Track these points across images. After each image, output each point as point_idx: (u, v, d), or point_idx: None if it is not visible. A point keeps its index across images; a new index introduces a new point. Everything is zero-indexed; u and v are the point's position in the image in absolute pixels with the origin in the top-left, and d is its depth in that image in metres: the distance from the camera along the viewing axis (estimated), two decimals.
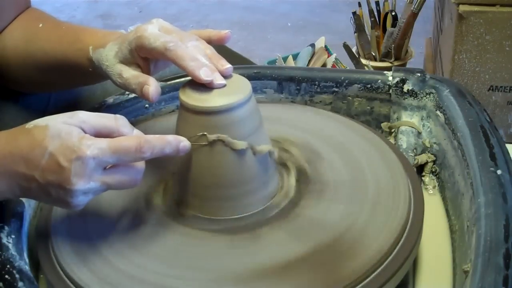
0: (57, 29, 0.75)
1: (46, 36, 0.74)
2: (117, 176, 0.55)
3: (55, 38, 0.73)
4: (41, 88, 0.83)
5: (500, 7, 1.39)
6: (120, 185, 0.56)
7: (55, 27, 0.75)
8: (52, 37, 0.74)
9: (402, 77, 0.83)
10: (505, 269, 0.51)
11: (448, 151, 0.75)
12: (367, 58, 1.87)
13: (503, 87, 1.48)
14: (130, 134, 0.56)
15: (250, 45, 2.46)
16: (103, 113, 0.57)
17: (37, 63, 0.75)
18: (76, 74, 0.73)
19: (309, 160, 0.71)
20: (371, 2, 1.88)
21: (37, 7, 0.83)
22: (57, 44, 0.72)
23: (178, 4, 2.89)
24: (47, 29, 0.75)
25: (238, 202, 0.63)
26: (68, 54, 0.71)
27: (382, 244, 0.58)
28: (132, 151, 0.54)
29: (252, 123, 0.62)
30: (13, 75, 0.78)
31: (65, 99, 0.86)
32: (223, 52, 0.66)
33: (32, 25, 0.77)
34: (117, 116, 0.56)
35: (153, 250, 0.60)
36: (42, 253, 0.62)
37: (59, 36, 0.73)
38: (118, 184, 0.55)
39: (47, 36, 0.74)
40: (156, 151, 0.55)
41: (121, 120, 0.56)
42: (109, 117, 0.56)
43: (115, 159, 0.54)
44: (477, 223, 0.57)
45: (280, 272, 0.56)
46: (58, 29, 0.74)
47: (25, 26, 0.77)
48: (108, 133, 0.55)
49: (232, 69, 0.63)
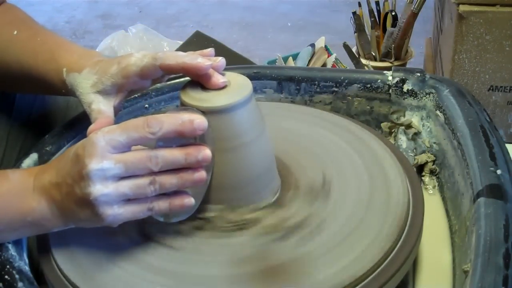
0: (32, 40, 0.72)
1: (20, 47, 0.72)
2: (130, 153, 0.54)
3: (30, 52, 0.71)
4: (15, 91, 0.82)
5: (500, 7, 1.39)
6: (138, 161, 0.53)
7: (31, 37, 0.73)
8: (27, 49, 0.72)
9: (402, 77, 0.83)
10: (505, 269, 0.51)
11: (448, 151, 0.75)
12: (367, 58, 1.87)
13: (503, 87, 1.48)
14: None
15: (250, 45, 2.46)
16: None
17: (12, 73, 0.73)
18: (50, 90, 0.72)
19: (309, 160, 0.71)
20: (371, 2, 1.88)
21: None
22: (32, 60, 0.71)
23: (178, 4, 2.89)
24: (22, 39, 0.73)
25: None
26: (43, 73, 0.70)
27: (382, 244, 0.58)
28: (140, 126, 0.53)
29: (252, 123, 0.62)
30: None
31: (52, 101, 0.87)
32: (223, 52, 0.66)
33: (6, 31, 0.74)
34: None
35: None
36: (42, 253, 0.62)
37: (34, 51, 0.71)
38: (134, 161, 0.53)
39: (22, 47, 0.72)
40: (165, 126, 0.53)
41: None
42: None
43: (125, 136, 0.53)
44: (477, 223, 0.57)
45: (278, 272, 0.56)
46: (33, 41, 0.72)
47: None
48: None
49: (224, 62, 0.62)
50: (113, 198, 0.54)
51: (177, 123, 0.54)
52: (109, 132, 0.53)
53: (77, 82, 0.65)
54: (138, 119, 0.54)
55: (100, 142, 0.53)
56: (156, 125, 0.53)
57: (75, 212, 0.55)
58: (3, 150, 0.80)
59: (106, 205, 0.54)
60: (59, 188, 0.55)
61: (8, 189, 0.58)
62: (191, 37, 1.78)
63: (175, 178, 0.55)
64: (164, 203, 0.56)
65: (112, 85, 0.64)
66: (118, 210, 0.54)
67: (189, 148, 0.55)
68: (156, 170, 0.54)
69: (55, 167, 0.57)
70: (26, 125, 0.84)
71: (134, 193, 0.54)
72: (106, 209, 0.54)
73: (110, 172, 0.53)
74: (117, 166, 0.53)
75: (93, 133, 0.54)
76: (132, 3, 2.94)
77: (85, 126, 0.63)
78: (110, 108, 0.65)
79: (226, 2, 2.88)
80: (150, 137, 0.53)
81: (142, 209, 0.55)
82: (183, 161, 0.55)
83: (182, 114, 0.54)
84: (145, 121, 0.53)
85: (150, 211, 0.56)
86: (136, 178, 0.54)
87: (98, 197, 0.53)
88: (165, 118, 0.54)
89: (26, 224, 0.57)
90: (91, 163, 0.52)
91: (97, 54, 0.69)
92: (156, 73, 0.62)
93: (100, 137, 0.53)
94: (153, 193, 0.55)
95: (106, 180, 0.53)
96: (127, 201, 0.55)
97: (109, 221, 0.55)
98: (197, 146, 0.55)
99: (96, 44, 2.06)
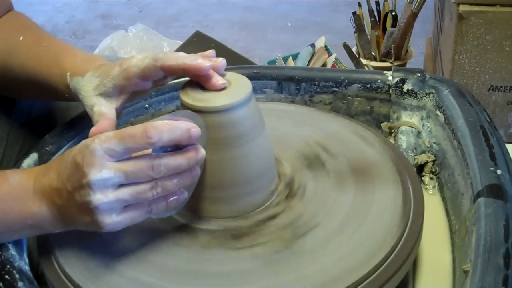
0: (37, 45, 0.73)
1: (26, 52, 0.73)
2: (131, 162, 0.53)
3: (35, 57, 0.72)
4: (19, 96, 0.83)
5: (500, 7, 1.39)
6: (138, 171, 0.53)
7: (36, 42, 0.74)
8: (32, 54, 0.72)
9: (402, 77, 0.83)
10: (505, 269, 0.51)
11: (448, 151, 0.75)
12: (367, 58, 1.87)
13: (503, 87, 1.48)
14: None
15: (250, 45, 2.46)
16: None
17: (17, 77, 0.74)
18: (54, 95, 0.72)
19: (308, 160, 0.71)
20: (371, 2, 1.88)
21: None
22: (37, 64, 0.71)
23: (178, 4, 2.89)
24: (27, 44, 0.74)
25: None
26: (46, 77, 0.70)
27: (382, 244, 0.58)
28: (138, 136, 0.53)
29: (252, 123, 0.62)
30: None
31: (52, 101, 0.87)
32: (223, 52, 0.66)
33: (13, 36, 0.75)
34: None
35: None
36: (42, 253, 0.62)
37: (39, 56, 0.72)
38: (135, 171, 0.53)
39: (27, 52, 0.73)
40: (165, 136, 0.53)
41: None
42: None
43: (122, 146, 0.53)
44: (477, 223, 0.57)
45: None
46: (39, 46, 0.73)
47: (6, 37, 0.75)
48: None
49: (225, 63, 0.62)
50: (113, 205, 0.54)
51: (176, 134, 0.54)
52: (105, 141, 0.53)
53: (80, 86, 0.66)
54: (135, 127, 0.54)
55: (98, 151, 0.52)
56: (156, 135, 0.53)
57: (75, 217, 0.56)
58: (3, 150, 0.80)
59: (105, 213, 0.54)
60: (60, 194, 0.55)
61: (8, 192, 0.57)
62: (191, 37, 1.78)
63: (176, 180, 0.55)
64: (162, 204, 0.56)
65: (114, 87, 0.64)
66: (117, 218, 0.54)
67: (189, 152, 0.56)
68: (158, 177, 0.54)
69: (55, 169, 0.57)
70: (26, 125, 0.84)
71: (134, 199, 0.54)
72: (105, 218, 0.54)
73: (110, 182, 0.53)
74: (117, 175, 0.53)
75: (90, 140, 0.54)
76: (132, 3, 2.94)
77: (85, 126, 0.63)
78: (112, 110, 0.65)
79: (226, 2, 2.88)
80: (148, 147, 0.54)
81: (141, 213, 0.56)
82: (185, 166, 0.55)
83: (179, 123, 0.55)
84: (143, 130, 0.53)
85: (149, 214, 0.56)
86: (137, 185, 0.54)
87: (98, 205, 0.53)
88: (164, 127, 0.53)
89: (26, 227, 0.57)
90: (91, 173, 0.52)
91: (100, 59, 0.69)
92: (157, 74, 0.62)
93: (98, 146, 0.53)
94: (154, 197, 0.55)
95: (106, 189, 0.53)
96: (126, 207, 0.55)
97: (108, 229, 0.55)
98: (195, 148, 0.56)
99: (96, 44, 2.06)
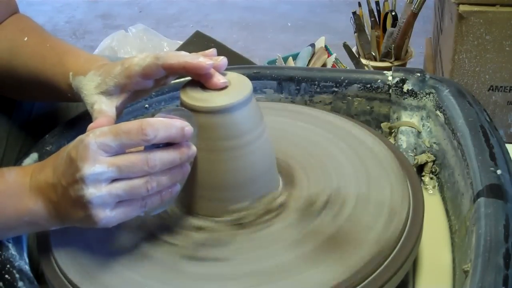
0: (41, 46, 0.74)
1: (30, 52, 0.74)
2: (125, 156, 0.54)
3: (39, 57, 0.72)
4: (21, 98, 0.83)
5: (500, 7, 1.39)
6: (132, 166, 0.53)
7: (40, 43, 0.74)
8: (36, 54, 0.73)
9: (402, 77, 0.83)
10: (505, 269, 0.51)
11: (448, 151, 0.75)
12: (367, 58, 1.87)
13: (503, 87, 1.48)
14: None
15: (250, 45, 2.46)
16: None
17: (20, 77, 0.74)
18: (57, 95, 0.72)
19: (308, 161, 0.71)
20: (371, 2, 1.88)
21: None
22: (40, 64, 0.72)
23: (178, 4, 2.89)
24: (31, 45, 0.74)
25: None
26: (50, 76, 0.71)
27: (382, 244, 0.58)
28: (134, 133, 0.53)
29: (253, 123, 0.62)
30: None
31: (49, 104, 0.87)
32: (223, 52, 0.66)
33: (17, 37, 0.76)
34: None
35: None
36: (42, 253, 0.62)
37: (43, 56, 0.72)
38: (129, 165, 0.53)
39: (31, 52, 0.73)
40: (160, 134, 0.54)
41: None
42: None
43: (117, 142, 0.53)
44: (477, 223, 0.57)
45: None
46: (43, 46, 0.74)
47: (10, 38, 0.76)
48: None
49: (226, 62, 0.62)
50: (106, 200, 0.54)
51: (171, 131, 0.55)
52: (100, 135, 0.53)
53: (82, 84, 0.66)
54: (131, 123, 0.54)
55: (92, 146, 0.53)
56: (152, 132, 0.53)
57: (70, 213, 0.56)
58: (3, 150, 0.81)
59: (99, 208, 0.54)
60: (55, 189, 0.56)
61: (4, 189, 0.58)
62: (191, 37, 1.78)
63: (169, 174, 0.56)
64: (156, 198, 0.56)
65: (115, 86, 0.64)
66: (111, 213, 0.54)
67: (182, 147, 0.56)
68: (153, 172, 0.55)
69: (51, 166, 0.57)
70: (26, 125, 0.84)
71: (128, 194, 0.54)
72: (99, 212, 0.54)
73: (103, 176, 0.53)
74: (110, 169, 0.53)
75: (84, 135, 0.54)
76: (132, 3, 2.94)
77: (85, 126, 0.63)
78: (112, 109, 0.65)
79: (226, 2, 2.88)
80: (143, 144, 0.54)
81: (135, 208, 0.56)
82: (178, 161, 0.56)
83: (174, 121, 0.55)
84: (139, 127, 0.53)
85: (143, 208, 0.56)
86: (131, 179, 0.54)
87: (91, 199, 0.53)
88: (160, 124, 0.54)
89: (23, 224, 0.58)
90: (84, 167, 0.53)
91: (102, 59, 0.70)
92: (159, 72, 0.62)
93: (92, 140, 0.53)
94: (150, 192, 0.55)
95: (100, 183, 0.53)
96: (120, 202, 0.55)
97: (102, 224, 0.55)
98: (187, 145, 0.57)
99: (96, 44, 2.06)
